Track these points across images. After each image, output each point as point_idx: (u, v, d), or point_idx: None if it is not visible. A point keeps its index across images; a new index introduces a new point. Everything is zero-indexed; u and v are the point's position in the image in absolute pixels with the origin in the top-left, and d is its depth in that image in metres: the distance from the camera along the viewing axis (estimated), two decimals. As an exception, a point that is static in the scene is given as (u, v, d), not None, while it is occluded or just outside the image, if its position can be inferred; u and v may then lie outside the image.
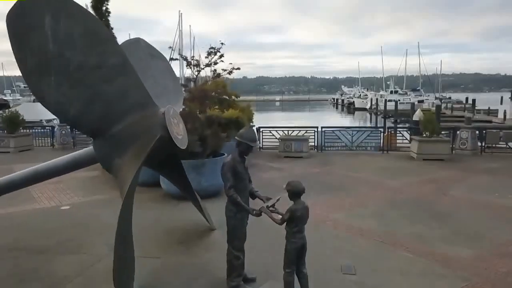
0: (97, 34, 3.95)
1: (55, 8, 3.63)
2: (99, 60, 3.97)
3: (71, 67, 3.78)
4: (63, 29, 3.65)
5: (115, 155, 4.28)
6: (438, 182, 8.64)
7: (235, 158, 3.76)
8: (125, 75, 4.21)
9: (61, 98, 3.78)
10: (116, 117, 4.21)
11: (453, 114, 48.96)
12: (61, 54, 3.68)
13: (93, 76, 3.95)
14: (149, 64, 5.43)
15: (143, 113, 4.35)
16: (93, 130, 4.23)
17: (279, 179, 9.07)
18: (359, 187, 8.19)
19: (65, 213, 6.70)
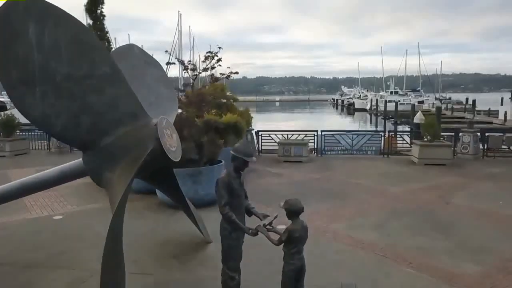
0: (86, 42, 3.76)
1: (40, 15, 3.44)
2: (87, 69, 3.79)
3: (57, 77, 3.59)
4: (49, 38, 3.47)
5: (105, 169, 4.10)
6: (440, 189, 8.46)
7: (230, 174, 3.58)
8: (116, 85, 4.03)
9: (47, 110, 3.59)
10: (106, 129, 4.03)
11: (454, 115, 48.76)
12: (46, 63, 3.49)
13: (81, 86, 3.77)
14: (142, 72, 5.25)
15: (134, 124, 4.16)
16: (82, 142, 4.04)
17: (278, 186, 8.89)
18: (360, 195, 8.01)
19: (57, 223, 6.51)
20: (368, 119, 58.49)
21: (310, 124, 57.95)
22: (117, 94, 4.04)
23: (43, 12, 3.46)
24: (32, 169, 11.22)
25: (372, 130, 15.39)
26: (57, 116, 3.66)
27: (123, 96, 4.10)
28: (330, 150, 13.22)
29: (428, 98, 77.47)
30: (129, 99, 4.13)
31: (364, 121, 57.16)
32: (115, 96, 4.03)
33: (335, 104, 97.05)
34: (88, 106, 3.87)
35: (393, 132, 14.12)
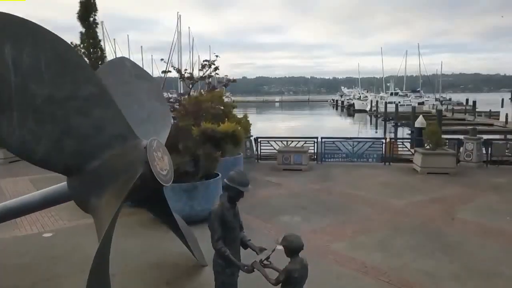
0: (69, 61, 3.50)
1: (16, 33, 3.17)
2: (71, 90, 3.52)
3: (38, 100, 3.33)
4: (28, 58, 3.20)
5: (91, 194, 3.84)
6: (444, 202, 8.20)
7: (223, 205, 3.31)
8: (102, 105, 3.77)
9: (27, 136, 3.32)
10: (93, 152, 3.77)
11: (454, 116, 48.56)
12: (25, 86, 3.22)
13: (64, 108, 3.50)
14: (134, 86, 4.98)
15: (123, 147, 3.90)
16: (66, 168, 3.77)
17: (277, 199, 8.63)
18: (362, 209, 7.74)
19: (46, 242, 6.24)
20: (368, 120, 58.19)
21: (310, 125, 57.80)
22: (104, 115, 3.78)
23: (20, 30, 3.19)
24: (26, 178, 10.96)
25: (373, 137, 15.12)
26: (37, 142, 3.39)
27: (111, 118, 3.83)
28: (331, 158, 12.94)
29: (428, 99, 77.22)
30: (117, 121, 3.87)
31: (364, 123, 56.86)
32: (102, 117, 3.77)
33: (335, 105, 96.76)
34: (72, 129, 3.60)
35: (394, 139, 13.81)
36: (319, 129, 51.66)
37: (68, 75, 3.49)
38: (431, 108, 62.60)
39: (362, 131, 51.86)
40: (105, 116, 3.78)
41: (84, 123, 3.66)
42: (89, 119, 3.68)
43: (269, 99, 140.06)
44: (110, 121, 3.82)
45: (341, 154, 12.88)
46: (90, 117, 3.68)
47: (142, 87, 5.11)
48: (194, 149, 7.04)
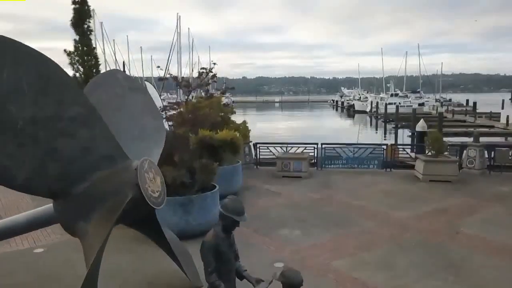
0: (53, 80, 3.28)
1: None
2: (56, 111, 3.31)
3: (19, 122, 3.11)
4: (7, 78, 2.99)
5: (79, 219, 3.63)
6: (447, 213, 7.99)
7: (217, 235, 3.10)
8: (90, 126, 3.55)
9: (6, 161, 3.10)
10: (79, 175, 3.55)
11: (455, 118, 48.29)
12: (4, 109, 3.00)
13: (48, 130, 3.29)
14: (126, 100, 4.76)
15: (112, 169, 3.69)
16: (50, 192, 3.56)
17: (276, 209, 8.41)
18: (363, 221, 7.53)
19: (37, 258, 6.03)
20: (368, 121, 58.00)
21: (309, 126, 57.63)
22: (91, 136, 3.57)
23: (1, 50, 2.98)
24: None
25: (374, 143, 14.90)
26: (18, 167, 3.17)
27: (99, 138, 3.62)
28: (331, 164, 12.73)
29: (428, 100, 77.03)
30: (105, 141, 3.66)
31: (364, 124, 56.69)
32: (89, 138, 3.56)
33: (335, 106, 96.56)
34: (57, 152, 3.39)
35: (395, 144, 13.59)
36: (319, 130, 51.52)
37: (52, 95, 3.27)
38: (431, 109, 62.44)
39: (362, 132, 51.71)
40: (93, 136, 3.57)
41: (70, 144, 3.45)
42: (75, 140, 3.47)
43: (269, 99, 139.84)
44: (98, 141, 3.61)
45: (342, 160, 12.67)
46: (76, 138, 3.47)
47: (135, 100, 4.89)
48: (190, 161, 6.83)
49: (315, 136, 45.72)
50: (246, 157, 12.85)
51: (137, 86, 5.09)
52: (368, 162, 12.60)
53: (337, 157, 12.73)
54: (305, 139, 40.85)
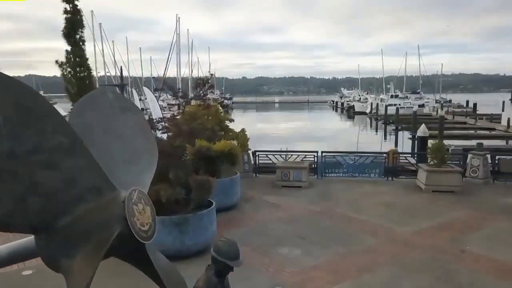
0: (33, 109, 3.02)
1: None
2: (36, 143, 3.05)
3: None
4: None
5: (62, 254, 3.37)
6: (452, 228, 7.75)
7: (210, 280, 2.84)
8: (74, 156, 3.29)
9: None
10: (62, 208, 3.29)
11: (455, 120, 48.04)
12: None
13: (28, 163, 3.03)
14: (117, 121, 4.50)
15: (98, 201, 3.43)
16: (31, 228, 3.30)
17: (275, 224, 8.16)
18: (365, 238, 7.28)
19: (24, 282, 5.78)
20: (368, 123, 57.78)
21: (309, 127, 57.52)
22: (75, 167, 3.30)
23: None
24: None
25: (375, 151, 14.66)
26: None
27: (83, 168, 3.36)
28: (331, 172, 12.48)
29: (428, 101, 76.82)
30: (91, 172, 3.39)
31: (364, 125, 56.48)
32: (73, 169, 3.29)
33: (335, 106, 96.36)
34: (38, 186, 3.12)
35: (397, 153, 13.35)
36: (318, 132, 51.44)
37: (32, 126, 3.01)
38: (431, 110, 62.24)
39: (362, 133, 51.52)
40: (77, 167, 3.31)
41: (52, 177, 3.18)
42: (57, 172, 3.21)
43: (269, 100, 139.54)
44: (82, 172, 3.35)
45: (342, 169, 12.42)
46: (58, 170, 3.21)
47: (126, 121, 4.62)
48: (186, 177, 6.58)
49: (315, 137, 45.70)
50: (245, 165, 12.61)
51: (129, 106, 4.81)
52: (369, 171, 12.35)
53: (338, 166, 12.49)
54: (304, 140, 40.78)
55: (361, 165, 12.37)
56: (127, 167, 4.21)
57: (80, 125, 3.79)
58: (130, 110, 4.84)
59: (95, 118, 4.35)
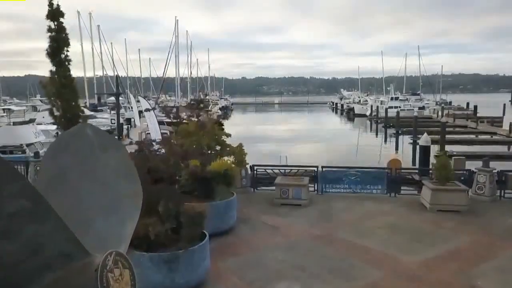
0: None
1: None
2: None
3: None
4: None
5: (26, 331, 2.96)
6: (460, 257, 7.31)
7: None
8: (37, 219, 2.88)
9: None
10: (26, 279, 2.88)
11: (456, 123, 47.67)
12: None
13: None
14: (96, 163, 4.08)
15: (68, 268, 3.00)
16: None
17: (274, 251, 7.72)
18: (369, 270, 6.84)
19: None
20: (368, 125, 57.45)
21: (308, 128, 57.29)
22: (39, 232, 2.88)
23: None
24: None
25: (377, 167, 14.24)
26: None
27: (50, 233, 2.93)
28: (332, 188, 12.05)
29: (428, 102, 76.50)
30: (59, 236, 2.96)
31: (364, 128, 56.15)
32: (37, 235, 2.88)
33: (335, 108, 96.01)
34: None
35: (399, 169, 12.92)
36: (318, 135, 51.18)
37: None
38: (432, 112, 61.87)
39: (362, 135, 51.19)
40: (41, 232, 2.88)
41: (12, 246, 2.77)
42: (18, 240, 2.79)
43: (268, 101, 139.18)
44: (48, 237, 2.93)
45: (343, 184, 11.99)
46: (19, 238, 2.79)
47: (107, 161, 4.19)
48: (178, 207, 6.15)
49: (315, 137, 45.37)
50: (242, 180, 12.19)
51: (111, 143, 4.38)
52: (371, 187, 11.92)
53: (339, 181, 12.06)
54: (304, 141, 40.40)
55: (362, 180, 11.94)
56: (106, 218, 3.76)
57: (54, 170, 3.41)
58: (111, 147, 4.38)
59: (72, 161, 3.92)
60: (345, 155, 29.87)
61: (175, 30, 51.64)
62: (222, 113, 76.03)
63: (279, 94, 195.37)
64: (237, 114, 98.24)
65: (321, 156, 28.45)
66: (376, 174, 12.10)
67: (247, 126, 71.01)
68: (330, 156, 28.71)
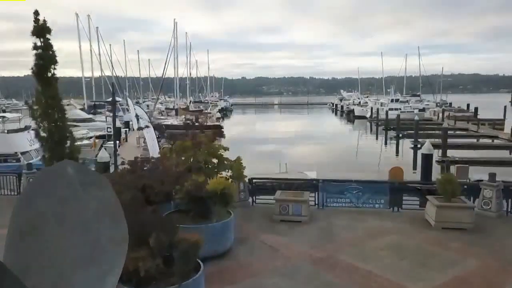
0: None
1: None
2: None
3: None
4: None
5: None
6: (469, 285, 6.95)
7: None
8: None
9: None
10: None
11: (457, 126, 47.38)
12: None
13: None
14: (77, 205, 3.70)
15: None
16: None
17: (273, 278, 7.34)
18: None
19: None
20: (368, 127, 57.14)
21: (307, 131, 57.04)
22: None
23: None
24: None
25: (380, 180, 13.89)
26: None
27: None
28: (333, 202, 11.69)
29: (428, 104, 76.14)
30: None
31: (364, 130, 55.87)
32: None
33: (334, 109, 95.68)
34: None
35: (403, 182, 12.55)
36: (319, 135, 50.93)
37: None
38: (432, 115, 61.52)
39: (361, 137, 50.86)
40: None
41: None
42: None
43: (268, 102, 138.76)
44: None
45: (345, 198, 11.63)
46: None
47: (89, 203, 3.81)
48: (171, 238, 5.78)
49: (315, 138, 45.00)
50: (240, 194, 11.84)
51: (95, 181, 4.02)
52: (373, 201, 11.56)
53: (340, 194, 11.70)
54: (305, 139, 39.90)
55: (364, 194, 11.58)
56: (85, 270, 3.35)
57: (29, 217, 3.02)
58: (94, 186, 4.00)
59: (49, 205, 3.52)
60: (345, 160, 29.51)
61: (174, 32, 51.28)
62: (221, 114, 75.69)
63: (279, 94, 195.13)
64: (237, 115, 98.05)
65: (321, 160, 28.14)
66: (378, 188, 11.73)
67: (247, 126, 70.94)
68: (330, 160, 28.45)
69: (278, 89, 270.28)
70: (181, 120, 48.67)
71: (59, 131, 6.28)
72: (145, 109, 66.09)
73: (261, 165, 27.46)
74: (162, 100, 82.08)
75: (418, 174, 21.93)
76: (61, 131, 6.34)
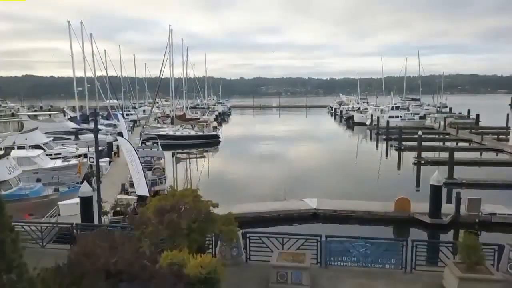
0: None
1: None
2: None
3: None
4: None
5: None
6: None
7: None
8: None
9: None
10: None
11: (459, 136, 46.15)
12: None
13: None
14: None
15: None
16: None
17: None
18: None
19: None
20: (368, 135, 55.74)
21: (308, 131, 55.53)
22: None
23: None
24: None
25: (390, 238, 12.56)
26: None
27: None
28: (338, 261, 10.35)
29: (428, 108, 74.71)
30: None
31: (364, 137, 54.50)
32: None
33: (333, 113, 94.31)
34: None
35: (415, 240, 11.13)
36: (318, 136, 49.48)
37: None
38: (433, 121, 60.12)
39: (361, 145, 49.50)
40: None
41: None
42: None
43: (266, 104, 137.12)
44: None
45: (351, 257, 10.29)
46: None
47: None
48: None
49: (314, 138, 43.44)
50: (233, 250, 10.51)
51: None
52: (383, 261, 10.22)
53: (345, 252, 10.35)
54: (305, 141, 38.05)
55: (373, 253, 10.23)
56: None
57: None
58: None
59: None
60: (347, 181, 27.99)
61: (169, 38, 49.57)
62: (220, 119, 73.98)
63: (277, 95, 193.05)
64: (235, 117, 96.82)
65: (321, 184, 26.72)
66: (389, 245, 10.39)
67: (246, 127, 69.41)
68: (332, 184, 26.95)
69: (276, 90, 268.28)
70: (177, 129, 47.26)
71: None
72: (141, 114, 64.91)
73: (260, 183, 26.11)
74: (159, 104, 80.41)
75: (421, 193, 20.48)
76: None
